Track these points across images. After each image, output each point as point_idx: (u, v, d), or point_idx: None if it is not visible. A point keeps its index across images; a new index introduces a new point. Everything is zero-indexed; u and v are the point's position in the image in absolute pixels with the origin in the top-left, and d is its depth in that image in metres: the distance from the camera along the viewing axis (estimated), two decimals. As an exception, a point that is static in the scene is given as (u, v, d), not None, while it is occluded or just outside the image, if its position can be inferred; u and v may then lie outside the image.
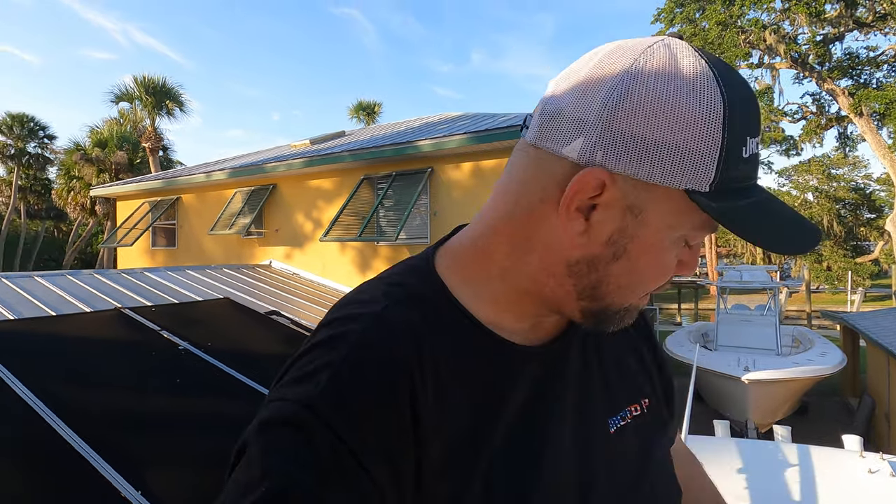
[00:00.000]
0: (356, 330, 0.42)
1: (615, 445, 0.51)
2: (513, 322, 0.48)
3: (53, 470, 2.14)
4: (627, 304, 0.45)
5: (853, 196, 23.84)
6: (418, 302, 0.46)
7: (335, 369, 0.40)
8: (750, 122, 0.39)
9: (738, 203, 0.39)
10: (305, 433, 0.37)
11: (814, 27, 12.96)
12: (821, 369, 7.15)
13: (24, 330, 3.36)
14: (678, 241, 0.42)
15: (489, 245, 0.47)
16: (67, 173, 18.01)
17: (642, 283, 0.44)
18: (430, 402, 0.41)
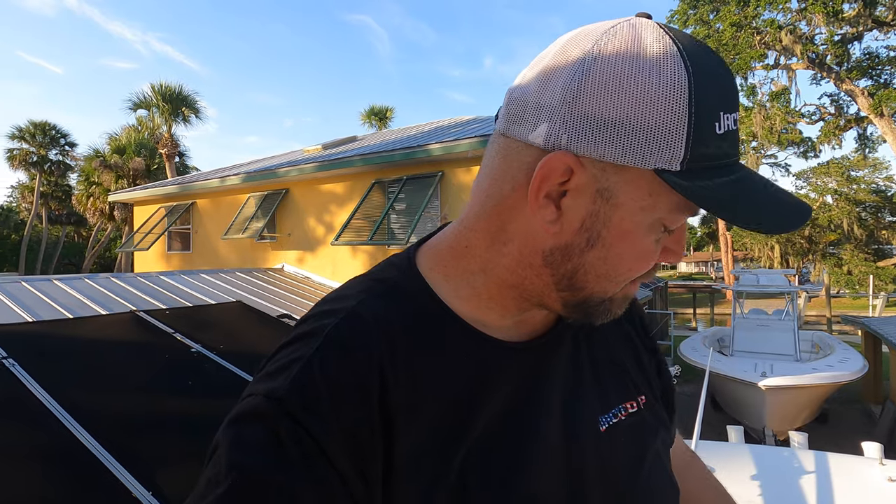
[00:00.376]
0: (329, 324, 0.42)
1: (606, 444, 0.49)
2: (497, 318, 0.47)
3: (67, 469, 2.17)
4: (609, 294, 0.44)
5: (874, 198, 23.30)
6: (397, 297, 0.46)
7: (305, 363, 0.40)
8: (723, 98, 0.37)
9: (713, 181, 0.37)
10: (272, 425, 0.38)
11: (831, 27, 12.74)
12: (841, 375, 6.97)
13: (42, 332, 3.43)
14: (655, 225, 0.40)
15: (468, 240, 0.47)
16: (87, 179, 18.42)
17: (621, 271, 0.42)
18: (403, 396, 0.41)
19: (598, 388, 0.51)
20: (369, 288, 0.47)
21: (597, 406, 0.50)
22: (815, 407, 7.35)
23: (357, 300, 0.45)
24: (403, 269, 0.49)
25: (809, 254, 24.63)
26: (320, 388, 0.39)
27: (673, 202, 0.39)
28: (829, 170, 24.65)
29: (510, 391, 0.45)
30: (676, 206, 0.39)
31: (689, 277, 39.60)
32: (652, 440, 0.54)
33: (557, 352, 0.50)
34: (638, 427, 0.53)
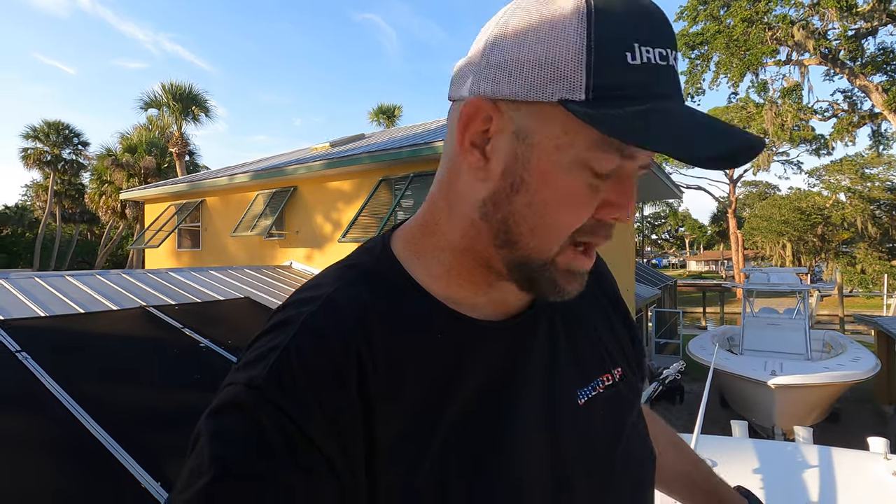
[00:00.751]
0: (305, 312, 0.42)
1: (584, 417, 0.50)
2: (469, 295, 0.47)
3: (79, 460, 2.21)
4: (548, 255, 0.42)
5: (889, 196, 22.93)
6: (372, 282, 0.46)
7: (282, 351, 0.40)
8: (638, 30, 0.37)
9: (623, 110, 0.36)
10: (252, 413, 0.37)
11: (845, 22, 12.54)
12: (853, 374, 6.88)
13: (55, 326, 3.49)
14: (576, 165, 0.39)
15: (433, 214, 0.48)
16: (99, 178, 18.66)
17: (550, 221, 0.40)
18: (381, 380, 0.41)
19: (576, 362, 0.52)
20: (344, 274, 0.47)
21: (575, 380, 0.51)
22: (825, 406, 7.26)
23: (332, 287, 0.45)
24: (377, 253, 0.49)
25: (822, 252, 24.31)
26: (298, 376, 0.39)
27: (591, 139, 0.38)
28: (843, 167, 24.30)
29: (487, 372, 0.45)
30: (595, 144, 0.38)
31: (700, 276, 39.26)
32: (629, 411, 0.55)
33: (534, 330, 0.50)
34: (615, 399, 0.53)
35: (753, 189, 34.99)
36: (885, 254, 22.25)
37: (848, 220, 22.94)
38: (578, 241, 0.42)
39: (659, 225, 51.02)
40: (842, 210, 23.33)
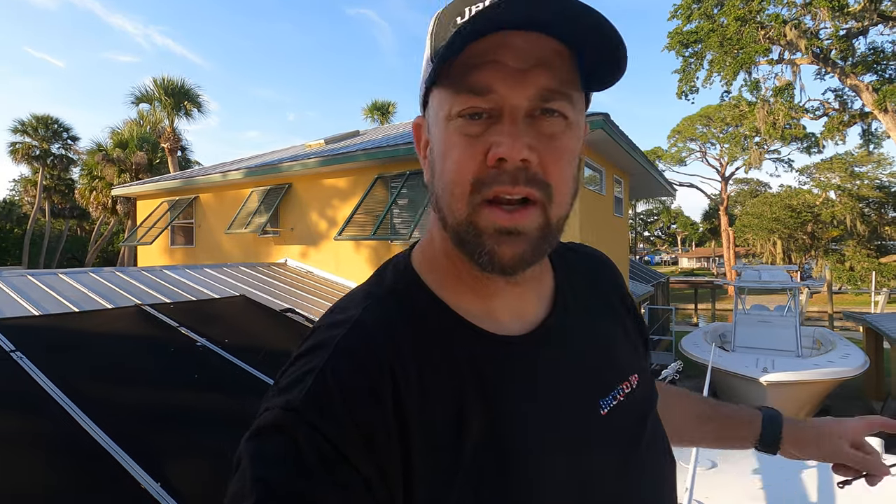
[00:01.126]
0: (337, 335, 0.44)
1: (608, 427, 0.50)
2: (482, 305, 0.49)
3: (75, 461, 2.20)
4: (462, 215, 0.43)
5: (877, 194, 23.21)
6: (398, 300, 0.48)
7: (318, 373, 0.41)
8: (455, 7, 0.43)
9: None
10: (291, 436, 0.39)
11: (836, 22, 12.64)
12: (842, 371, 6.99)
13: (49, 325, 3.46)
14: (450, 121, 0.43)
15: (431, 227, 0.52)
16: (90, 173, 18.43)
17: (448, 179, 0.43)
18: (413, 397, 0.42)
19: (596, 373, 0.52)
20: (371, 294, 0.49)
21: (596, 391, 0.51)
22: (816, 403, 7.37)
23: (361, 307, 0.47)
24: (400, 270, 0.51)
25: (812, 249, 24.58)
26: (334, 395, 0.40)
27: (448, 92, 0.43)
28: (833, 165, 24.55)
29: (508, 388, 0.46)
30: (451, 94, 0.42)
31: (691, 273, 39.56)
32: (648, 414, 0.55)
33: (552, 342, 0.51)
34: (636, 406, 0.54)
35: (745, 186, 35.27)
36: (874, 251, 22.54)
37: (837, 217, 23.21)
38: (488, 196, 0.41)
39: (651, 222, 51.32)
40: (831, 208, 23.60)
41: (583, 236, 5.75)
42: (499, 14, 0.38)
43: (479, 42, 0.40)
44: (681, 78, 15.24)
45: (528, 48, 0.40)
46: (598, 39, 0.40)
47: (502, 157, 0.40)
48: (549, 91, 0.41)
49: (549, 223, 0.43)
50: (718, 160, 29.72)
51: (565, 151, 0.43)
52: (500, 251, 0.42)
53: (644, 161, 7.44)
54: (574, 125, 0.44)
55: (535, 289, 0.53)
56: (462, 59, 0.40)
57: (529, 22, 0.39)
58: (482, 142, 0.41)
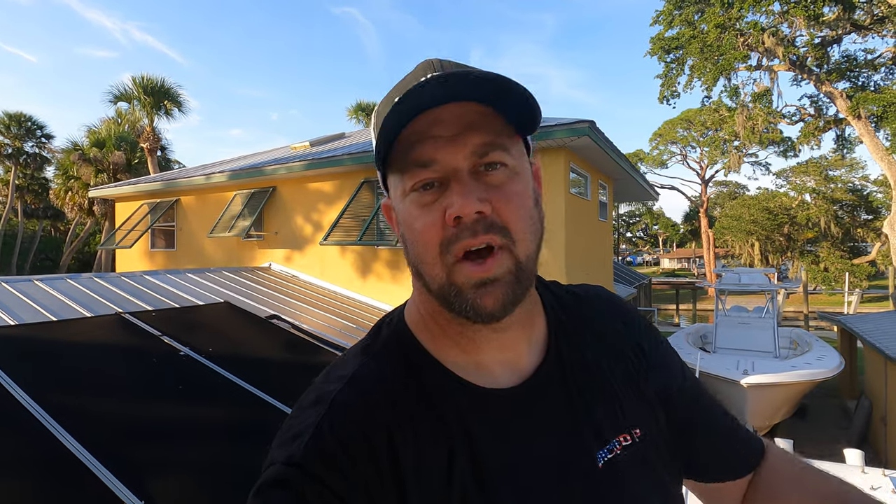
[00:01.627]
0: (334, 390, 0.47)
1: (604, 480, 0.49)
2: (464, 356, 0.50)
3: (53, 476, 2.14)
4: (442, 278, 0.46)
5: (850, 197, 23.93)
6: (391, 355, 0.51)
7: (316, 428, 0.44)
8: (392, 93, 0.48)
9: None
10: (295, 489, 0.41)
11: (812, 30, 12.99)
12: (819, 373, 7.18)
13: (25, 335, 3.35)
14: (406, 196, 0.47)
15: (415, 290, 0.54)
16: (65, 173, 17.95)
17: (420, 248, 0.47)
18: (409, 449, 0.45)
19: (592, 422, 0.51)
20: (366, 350, 0.52)
21: (592, 442, 0.50)
22: (793, 403, 7.56)
23: (357, 364, 0.50)
24: (394, 326, 0.54)
25: (788, 251, 25.20)
26: (335, 449, 0.43)
27: (403, 174, 0.47)
28: (808, 169, 25.22)
29: (501, 442, 0.47)
30: (405, 174, 0.47)
31: (673, 273, 40.22)
32: (656, 478, 0.53)
33: (544, 393, 0.51)
34: (637, 462, 0.51)
35: (724, 189, 35.99)
36: (847, 253, 23.21)
37: (812, 219, 23.84)
38: (458, 254, 0.44)
39: (634, 223, 52.03)
40: (807, 210, 24.23)
41: (568, 242, 5.80)
42: (421, 99, 0.43)
43: (412, 124, 0.44)
44: (663, 83, 15.50)
45: (455, 117, 0.45)
46: (510, 98, 0.44)
47: (457, 215, 0.43)
48: (484, 146, 0.45)
49: (518, 263, 0.45)
50: (699, 163, 30.30)
51: (515, 195, 0.46)
52: (482, 302, 0.44)
53: (628, 166, 7.53)
54: (518, 170, 0.47)
55: (526, 335, 0.53)
56: (404, 141, 0.45)
57: (448, 97, 0.44)
58: (438, 207, 0.45)
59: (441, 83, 0.43)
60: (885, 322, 8.38)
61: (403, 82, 0.48)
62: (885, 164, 12.63)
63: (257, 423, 2.71)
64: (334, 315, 5.47)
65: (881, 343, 6.91)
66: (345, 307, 6.04)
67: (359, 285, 6.73)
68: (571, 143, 5.46)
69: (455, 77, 0.43)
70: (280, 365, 3.84)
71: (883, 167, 12.81)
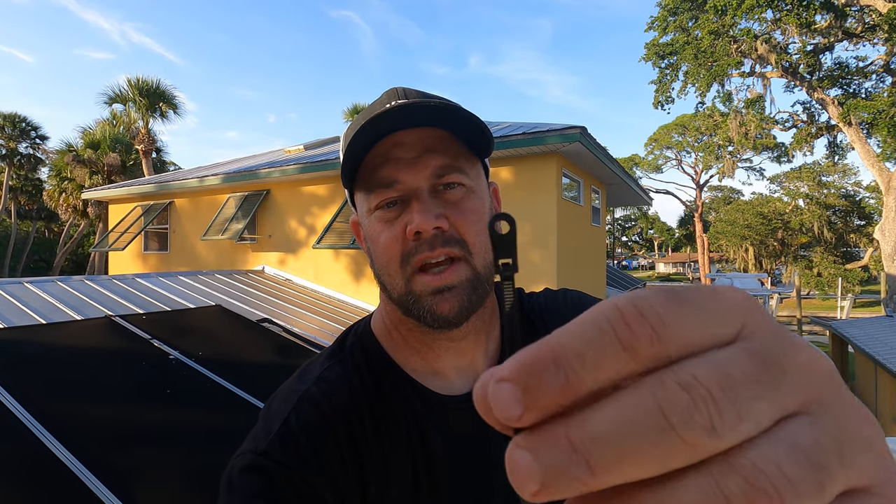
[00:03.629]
0: (301, 389, 0.52)
1: None
2: (424, 364, 0.54)
3: (40, 483, 2.13)
4: (401, 287, 0.49)
5: (843, 203, 24.10)
6: (356, 361, 0.54)
7: (283, 420, 0.48)
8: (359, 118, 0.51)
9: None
10: (262, 473, 0.45)
11: (804, 37, 13.12)
12: None
13: (13, 338, 3.34)
14: (373, 215, 0.50)
15: (381, 300, 0.57)
16: (59, 174, 17.86)
17: (381, 259, 0.50)
18: (370, 442, 0.49)
19: None
20: (333, 355, 0.56)
21: None
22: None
23: (324, 367, 0.54)
24: (359, 334, 0.57)
25: (782, 256, 25.35)
26: (299, 436, 0.47)
27: (366, 193, 0.51)
28: (801, 175, 25.40)
29: (455, 447, 0.51)
30: (368, 193, 0.50)
31: (667, 278, 40.37)
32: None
33: None
34: None
35: (719, 194, 36.20)
36: (840, 258, 23.36)
37: (806, 225, 24.00)
38: (417, 265, 0.48)
39: (629, 227, 52.21)
40: (800, 215, 24.39)
41: (560, 246, 5.83)
42: (384, 124, 0.47)
43: (377, 147, 0.48)
44: (657, 88, 15.60)
45: (416, 141, 0.48)
46: (466, 124, 0.48)
47: (417, 230, 0.47)
48: (442, 168, 0.49)
49: (476, 272, 0.49)
50: (693, 168, 30.48)
51: (471, 211, 0.49)
52: (438, 308, 0.48)
53: (621, 172, 7.58)
54: (475, 189, 0.51)
55: (483, 345, 0.56)
56: (368, 163, 0.49)
57: (410, 123, 0.48)
58: (400, 223, 0.48)
59: (403, 110, 0.46)
60: (875, 327, 8.45)
61: (369, 108, 0.51)
62: (876, 170, 12.75)
63: (246, 427, 2.70)
64: (327, 319, 5.47)
65: (871, 349, 6.97)
66: (337, 311, 6.04)
67: (352, 289, 6.73)
68: (563, 148, 5.50)
69: (416, 105, 0.46)
70: (270, 368, 3.83)
71: (874, 173, 12.94)
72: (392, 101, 0.50)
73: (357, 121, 0.51)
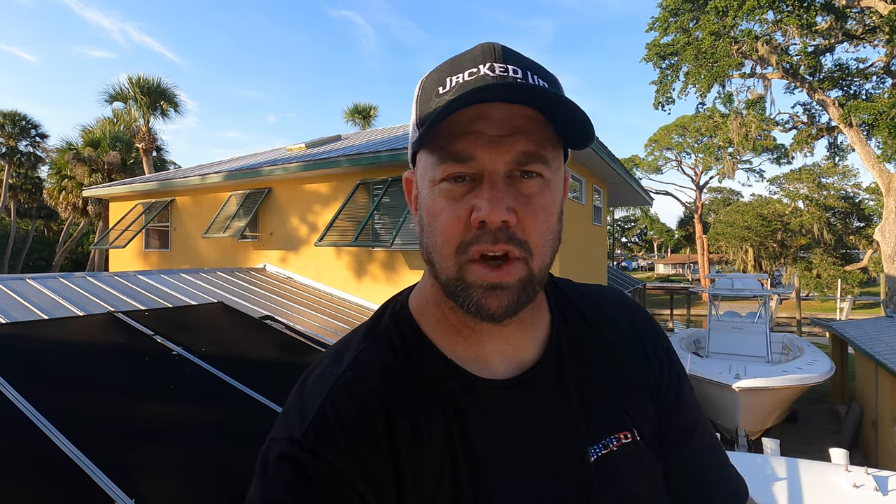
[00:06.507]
0: (337, 373, 0.49)
1: (594, 475, 0.49)
2: (466, 348, 0.51)
3: (44, 476, 2.13)
4: (452, 272, 0.46)
5: (843, 205, 24.13)
6: (393, 342, 0.52)
7: (319, 407, 0.46)
8: (451, 66, 0.47)
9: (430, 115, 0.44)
10: (298, 464, 0.43)
11: (805, 38, 13.14)
12: (810, 378, 7.23)
13: (16, 334, 3.34)
14: (434, 186, 0.46)
15: (425, 274, 0.54)
16: (59, 173, 17.84)
17: (436, 240, 0.46)
18: (406, 431, 0.46)
19: (587, 416, 0.51)
20: (369, 334, 0.53)
21: (585, 436, 0.51)
22: (785, 407, 7.61)
23: (359, 349, 0.51)
24: (396, 313, 0.55)
25: (781, 257, 25.37)
26: (335, 428, 0.45)
27: (434, 159, 0.46)
28: (801, 176, 25.43)
29: (495, 432, 0.48)
30: (434, 162, 0.46)
31: (667, 279, 40.38)
32: (647, 478, 0.53)
33: (543, 386, 0.51)
34: (630, 460, 0.52)
35: (718, 195, 36.23)
36: (839, 259, 23.38)
37: (805, 226, 24.03)
38: (475, 256, 0.44)
39: (629, 228, 52.24)
40: (800, 217, 24.42)
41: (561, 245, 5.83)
42: (473, 92, 0.42)
43: (460, 113, 0.43)
44: (658, 89, 15.61)
45: (505, 118, 0.44)
46: (565, 114, 0.44)
47: (483, 220, 0.43)
48: (526, 155, 0.44)
49: (531, 274, 0.46)
50: (693, 169, 30.51)
51: (542, 209, 0.45)
52: (486, 303, 0.45)
53: (622, 171, 7.59)
54: (551, 183, 0.47)
55: (529, 332, 0.53)
56: (445, 129, 0.44)
57: (502, 97, 0.43)
58: (465, 204, 0.44)
59: (499, 81, 0.43)
60: (875, 328, 8.46)
61: (456, 62, 0.47)
62: (877, 172, 12.76)
63: (248, 423, 2.71)
64: (328, 316, 5.47)
65: (871, 349, 6.97)
66: (339, 308, 6.04)
67: (354, 287, 6.73)
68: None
69: (517, 85, 0.43)
70: (272, 365, 3.83)
71: (874, 175, 12.95)
72: (486, 61, 0.45)
73: (441, 71, 0.47)
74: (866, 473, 1.53)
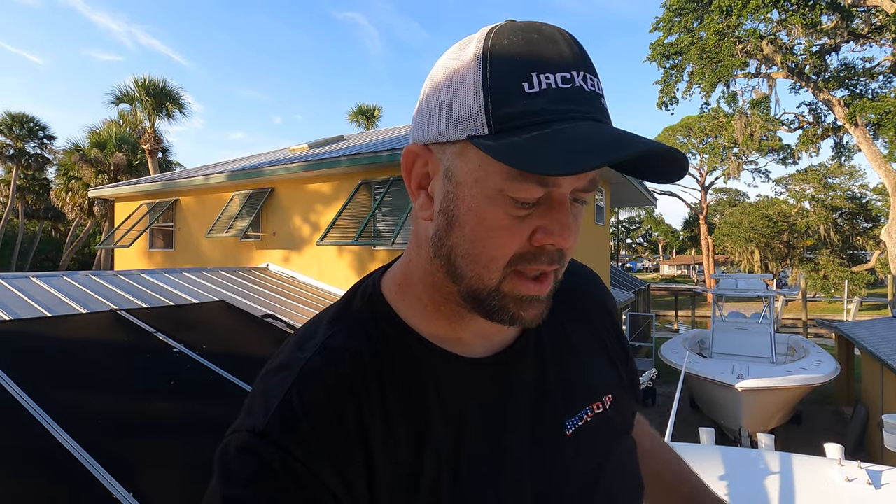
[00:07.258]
0: (303, 358, 0.45)
1: (571, 448, 0.51)
2: (451, 330, 0.49)
3: (46, 471, 2.15)
4: (490, 284, 0.43)
5: (849, 205, 23.95)
6: (365, 326, 0.49)
7: (283, 396, 0.43)
8: (535, 59, 0.39)
9: (522, 137, 0.37)
10: (260, 456, 0.40)
11: (810, 38, 13.06)
12: (814, 378, 7.17)
13: (20, 330, 3.37)
14: (497, 197, 0.40)
15: (409, 256, 0.51)
16: (66, 174, 18.00)
17: (480, 251, 0.42)
18: (377, 419, 0.44)
19: (565, 392, 0.52)
20: (338, 319, 0.50)
21: (563, 411, 0.51)
22: (789, 408, 7.54)
23: (327, 333, 0.48)
24: (368, 296, 0.51)
25: (788, 258, 25.19)
26: (300, 417, 0.41)
27: (504, 170, 0.39)
28: (808, 176, 25.26)
29: (474, 409, 0.47)
30: (511, 174, 0.39)
31: (672, 280, 40.20)
32: (617, 440, 0.55)
33: (520, 363, 0.51)
34: (603, 428, 0.54)
35: (724, 196, 36.05)
36: (846, 260, 23.20)
37: (812, 227, 23.86)
38: (522, 269, 0.42)
39: (634, 229, 52.06)
40: (806, 218, 24.25)
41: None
42: (600, 146, 0.36)
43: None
44: (662, 89, 15.57)
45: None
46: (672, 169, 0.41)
47: (554, 244, 0.41)
48: (591, 183, 0.43)
49: (557, 282, 0.46)
50: (698, 170, 30.37)
51: (579, 230, 0.45)
52: (524, 314, 0.44)
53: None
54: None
55: None
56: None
57: (598, 118, 0.40)
58: (528, 223, 0.41)
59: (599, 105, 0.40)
60: (881, 329, 8.38)
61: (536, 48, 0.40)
62: (883, 172, 12.66)
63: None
64: (330, 315, 5.48)
65: (878, 349, 6.91)
66: (341, 308, 6.06)
67: (355, 286, 6.75)
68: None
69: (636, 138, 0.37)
70: (273, 363, 3.84)
71: (881, 175, 12.85)
72: (578, 67, 0.39)
73: (521, 58, 0.39)
74: (859, 467, 1.53)
